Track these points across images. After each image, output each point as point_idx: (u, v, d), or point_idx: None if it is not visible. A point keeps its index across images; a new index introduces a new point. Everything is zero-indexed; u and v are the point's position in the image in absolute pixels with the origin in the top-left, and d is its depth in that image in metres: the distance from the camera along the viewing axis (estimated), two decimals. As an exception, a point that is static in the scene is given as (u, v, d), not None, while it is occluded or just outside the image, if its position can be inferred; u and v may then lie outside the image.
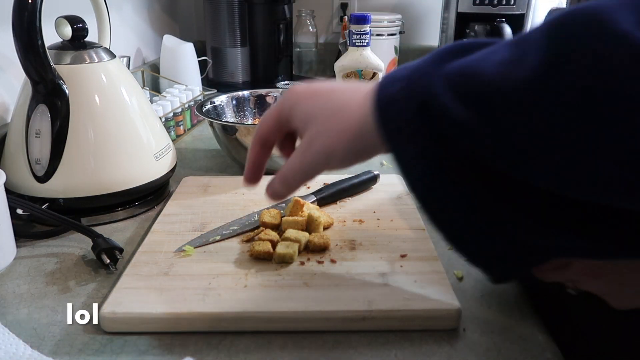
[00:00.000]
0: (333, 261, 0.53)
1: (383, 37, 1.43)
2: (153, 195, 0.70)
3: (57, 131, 0.61)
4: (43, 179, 0.61)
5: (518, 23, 1.29)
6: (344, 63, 0.92)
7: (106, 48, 0.68)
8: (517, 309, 0.48)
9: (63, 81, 0.61)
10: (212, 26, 1.31)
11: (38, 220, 0.63)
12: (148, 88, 1.09)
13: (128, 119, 0.66)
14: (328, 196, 0.66)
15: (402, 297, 0.46)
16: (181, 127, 1.00)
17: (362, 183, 0.70)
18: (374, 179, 0.71)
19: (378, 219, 0.62)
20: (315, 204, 0.64)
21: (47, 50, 0.59)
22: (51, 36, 0.62)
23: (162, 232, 0.59)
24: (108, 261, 0.54)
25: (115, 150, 0.64)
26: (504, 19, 1.26)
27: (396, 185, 0.72)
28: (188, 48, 1.22)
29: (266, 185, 0.44)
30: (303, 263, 0.52)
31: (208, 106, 0.85)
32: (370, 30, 0.91)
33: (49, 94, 0.61)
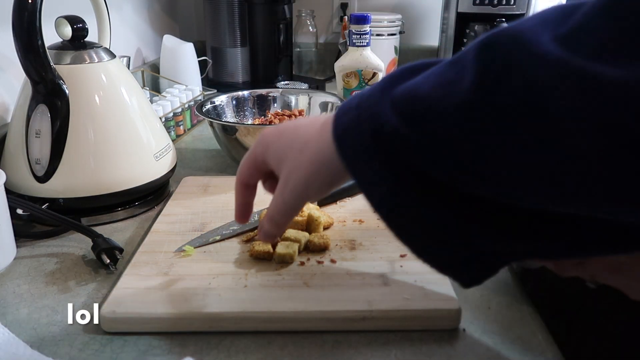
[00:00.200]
0: (333, 261, 0.53)
1: (383, 37, 1.43)
2: (153, 195, 0.70)
3: (57, 131, 0.61)
4: (43, 179, 0.62)
5: (518, 23, 1.29)
6: (344, 63, 0.92)
7: (106, 48, 0.69)
8: (517, 309, 0.48)
9: (63, 81, 0.61)
10: (212, 26, 1.31)
11: (38, 220, 0.63)
12: (148, 88, 1.09)
13: (128, 119, 0.66)
14: (328, 196, 0.66)
15: (402, 297, 0.46)
16: (181, 127, 1.00)
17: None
18: (374, 179, 0.71)
19: (378, 219, 0.61)
20: (315, 204, 0.64)
21: (47, 50, 0.59)
22: (51, 36, 0.62)
23: (162, 232, 0.59)
24: (108, 261, 0.54)
25: (115, 150, 0.64)
26: (504, 19, 1.26)
27: (396, 185, 0.71)
28: (188, 48, 1.22)
29: (257, 229, 0.47)
30: (303, 263, 0.52)
31: (208, 106, 0.85)
32: (370, 30, 0.91)
33: (49, 94, 0.61)
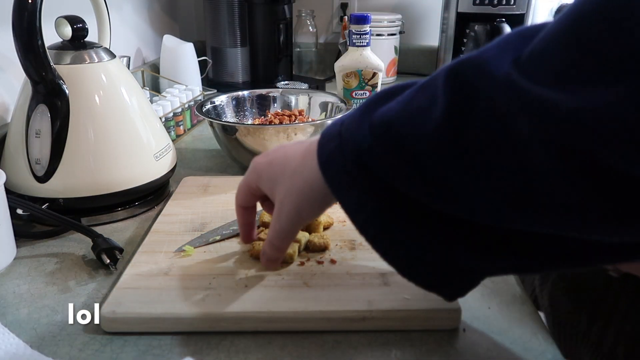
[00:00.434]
0: (333, 261, 0.53)
1: (383, 37, 1.43)
2: (153, 195, 0.70)
3: (57, 131, 0.61)
4: (43, 179, 0.61)
5: (518, 23, 1.29)
6: (344, 63, 0.92)
7: (106, 48, 0.68)
8: (517, 309, 0.48)
9: (63, 81, 0.61)
10: (212, 26, 1.31)
11: (38, 220, 0.63)
12: (148, 88, 1.09)
13: (128, 119, 0.66)
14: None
15: (402, 297, 0.46)
16: (181, 127, 1.00)
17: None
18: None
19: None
20: (315, 204, 0.64)
21: (47, 50, 0.59)
22: (51, 36, 0.62)
23: (162, 232, 0.59)
24: (108, 261, 0.54)
25: (115, 150, 0.64)
26: (504, 19, 1.26)
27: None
28: (188, 48, 1.22)
29: (260, 256, 0.49)
30: (303, 263, 0.52)
31: (208, 106, 0.85)
32: (370, 30, 0.91)
33: (49, 94, 0.61)
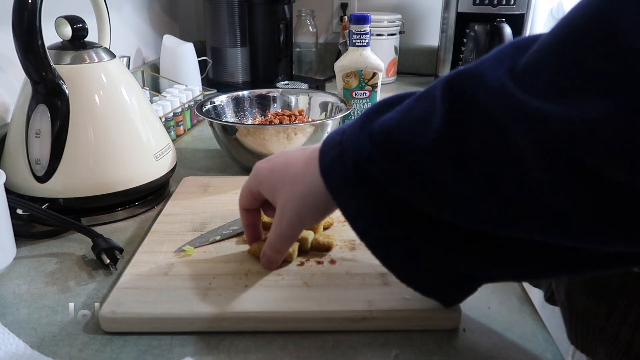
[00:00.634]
0: (333, 261, 0.53)
1: (383, 37, 1.43)
2: (153, 195, 0.70)
3: (57, 131, 0.61)
4: (43, 179, 0.61)
5: (518, 23, 1.29)
6: (344, 63, 0.92)
7: (106, 48, 0.68)
8: (517, 309, 0.48)
9: (63, 81, 0.61)
10: (212, 26, 1.31)
11: (38, 220, 0.63)
12: (148, 88, 1.09)
13: (128, 119, 0.66)
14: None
15: (402, 297, 0.46)
16: (181, 127, 1.00)
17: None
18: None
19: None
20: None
21: (47, 50, 0.59)
22: (51, 36, 0.62)
23: (162, 232, 0.59)
24: (108, 261, 0.54)
25: (115, 150, 0.64)
26: (504, 19, 1.26)
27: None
28: (188, 48, 1.22)
29: (260, 257, 0.50)
30: (303, 263, 0.52)
31: (208, 106, 0.85)
32: (370, 30, 0.91)
33: (49, 94, 0.61)
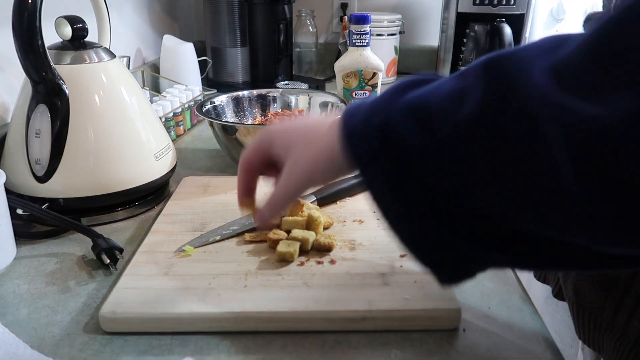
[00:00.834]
0: (333, 261, 0.53)
1: (383, 37, 1.43)
2: (153, 195, 0.70)
3: (57, 131, 0.61)
4: (43, 179, 0.61)
5: (518, 23, 1.29)
6: (344, 63, 0.92)
7: (106, 48, 0.68)
8: (517, 309, 0.48)
9: (63, 81, 0.61)
10: (212, 26, 1.31)
11: (38, 220, 0.63)
12: (148, 88, 1.09)
13: (128, 119, 0.66)
14: (328, 196, 0.66)
15: (402, 297, 0.47)
16: (181, 127, 1.00)
17: (362, 183, 0.69)
18: (374, 179, 0.71)
19: (378, 219, 0.62)
20: (315, 204, 0.64)
21: (47, 50, 0.59)
22: (51, 36, 0.62)
23: (162, 232, 0.59)
24: (108, 261, 0.54)
25: (115, 150, 0.64)
26: (504, 19, 1.26)
27: (396, 185, 0.71)
28: (188, 48, 1.22)
29: (254, 215, 0.49)
30: (303, 263, 0.52)
31: (208, 106, 0.85)
32: (370, 30, 0.91)
33: (49, 94, 0.61)
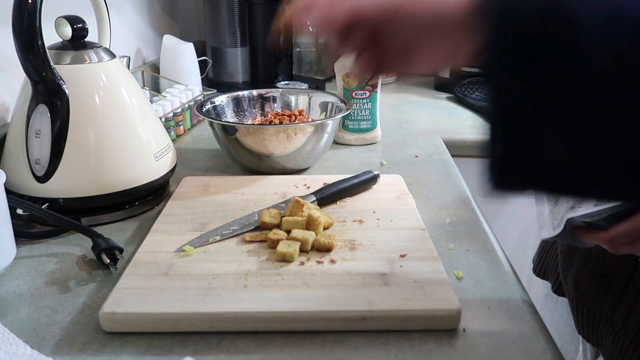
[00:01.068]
0: (333, 261, 0.53)
1: (383, 37, 1.43)
2: (153, 195, 0.70)
3: (57, 131, 0.61)
4: (43, 179, 0.61)
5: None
6: (344, 63, 0.92)
7: (106, 48, 0.68)
8: (517, 309, 0.48)
9: (63, 81, 0.61)
10: (212, 26, 1.31)
11: (38, 220, 0.63)
12: (148, 88, 1.09)
13: (128, 119, 0.66)
14: (328, 196, 0.66)
15: (402, 297, 0.46)
16: (181, 127, 1.00)
17: (362, 183, 0.70)
18: (374, 179, 0.71)
19: (378, 219, 0.62)
20: (315, 204, 0.64)
21: (47, 50, 0.59)
22: (51, 36, 0.62)
23: (162, 232, 0.59)
24: (108, 261, 0.54)
25: (115, 150, 0.64)
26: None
27: (396, 185, 0.72)
28: (188, 48, 1.22)
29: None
30: (303, 263, 0.52)
31: (208, 106, 0.85)
32: (370, 30, 0.91)
33: (49, 94, 0.61)
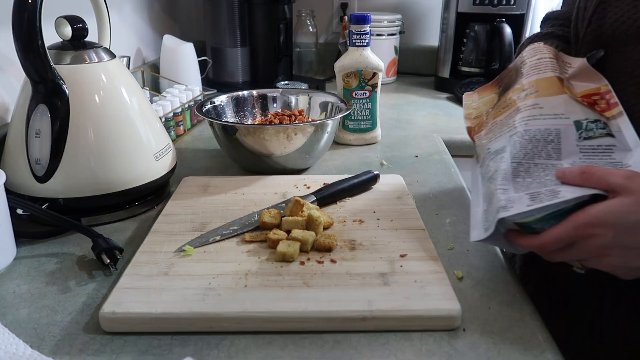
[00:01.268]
0: (333, 261, 0.53)
1: (383, 37, 1.43)
2: (153, 195, 0.70)
3: (57, 131, 0.61)
4: (43, 179, 0.61)
5: (518, 23, 1.29)
6: (344, 63, 0.92)
7: (106, 48, 0.68)
8: (517, 309, 0.48)
9: (63, 81, 0.61)
10: (212, 26, 1.31)
11: (38, 220, 0.63)
12: (148, 88, 1.09)
13: (128, 119, 0.66)
14: (328, 196, 0.66)
15: (402, 297, 0.47)
16: (181, 127, 1.00)
17: (362, 183, 0.70)
18: (374, 179, 0.71)
19: (378, 219, 0.62)
20: (315, 204, 0.64)
21: (47, 50, 0.59)
22: (51, 36, 0.62)
23: (162, 232, 0.59)
24: (108, 261, 0.54)
25: (115, 150, 0.64)
26: (504, 19, 1.26)
27: (396, 185, 0.72)
28: (188, 48, 1.22)
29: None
30: (303, 263, 0.52)
31: (208, 106, 0.85)
32: (370, 30, 0.91)
33: (49, 94, 0.61)
